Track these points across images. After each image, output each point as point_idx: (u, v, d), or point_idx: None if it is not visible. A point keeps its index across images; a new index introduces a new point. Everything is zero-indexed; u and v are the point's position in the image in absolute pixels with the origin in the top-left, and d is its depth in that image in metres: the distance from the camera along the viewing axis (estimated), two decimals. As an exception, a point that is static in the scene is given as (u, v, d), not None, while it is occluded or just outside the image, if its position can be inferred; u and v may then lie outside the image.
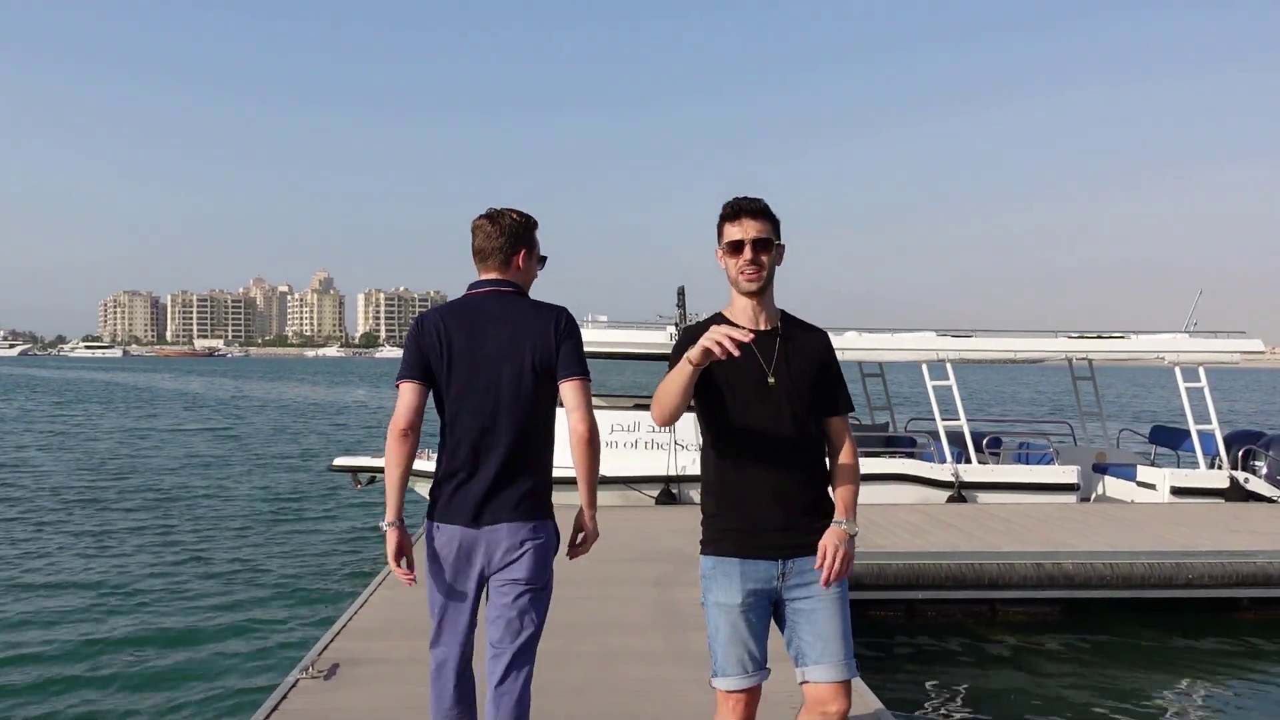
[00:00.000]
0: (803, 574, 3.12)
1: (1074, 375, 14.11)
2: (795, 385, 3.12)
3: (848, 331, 12.28)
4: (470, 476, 3.35)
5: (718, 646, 3.15)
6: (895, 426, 14.24)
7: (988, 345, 11.88)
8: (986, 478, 11.55)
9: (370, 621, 6.44)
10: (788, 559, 3.12)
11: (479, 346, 3.36)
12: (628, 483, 11.23)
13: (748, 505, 3.13)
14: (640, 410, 11.63)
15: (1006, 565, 8.50)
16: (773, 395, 3.10)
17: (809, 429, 3.15)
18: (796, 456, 3.12)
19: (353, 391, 61.82)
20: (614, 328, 11.94)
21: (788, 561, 3.12)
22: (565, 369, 3.36)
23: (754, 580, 3.11)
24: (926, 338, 11.91)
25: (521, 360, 3.34)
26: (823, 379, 3.19)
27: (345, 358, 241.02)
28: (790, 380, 3.12)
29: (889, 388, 14.46)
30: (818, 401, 3.18)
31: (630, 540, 9.28)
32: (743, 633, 3.12)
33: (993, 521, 10.13)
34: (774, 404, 3.10)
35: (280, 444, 27.15)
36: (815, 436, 3.19)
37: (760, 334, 3.12)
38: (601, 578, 7.75)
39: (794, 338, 3.19)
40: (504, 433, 3.34)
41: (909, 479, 11.49)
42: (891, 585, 8.46)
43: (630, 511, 10.83)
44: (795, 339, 3.19)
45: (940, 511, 10.68)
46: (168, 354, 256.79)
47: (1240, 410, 47.32)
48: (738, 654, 3.12)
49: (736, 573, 3.12)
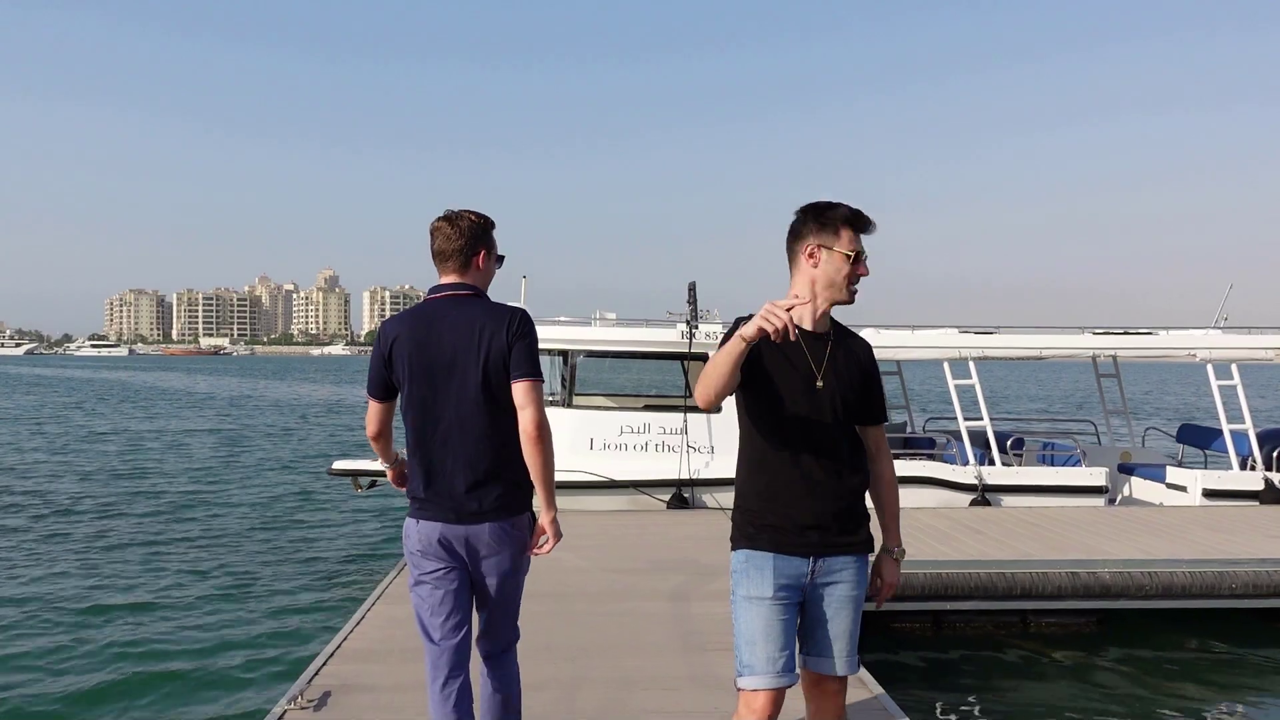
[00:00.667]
0: (829, 574, 3.19)
1: (1098, 372, 13.65)
2: (842, 390, 3.18)
3: (865, 329, 11.83)
4: (444, 476, 3.49)
5: (745, 644, 3.16)
6: (914, 426, 13.80)
7: (1012, 342, 11.42)
8: (1011, 480, 11.09)
9: (366, 641, 6.01)
10: (819, 557, 3.17)
11: (436, 354, 3.50)
12: (638, 486, 10.80)
13: (785, 501, 3.15)
14: (651, 411, 11.20)
15: (1040, 574, 8.04)
16: (818, 397, 3.15)
17: (850, 434, 3.21)
18: (836, 459, 3.16)
19: (357, 390, 61.36)
20: (623, 325, 11.49)
21: (819, 560, 3.17)
22: (516, 369, 3.48)
23: (786, 575, 3.14)
24: (948, 334, 11.46)
25: (478, 364, 3.46)
26: (866, 387, 3.25)
27: (351, 355, 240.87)
28: (837, 385, 3.18)
29: (906, 386, 14.00)
30: (861, 409, 3.24)
31: (641, 548, 8.85)
32: (775, 629, 3.12)
33: (1020, 526, 9.67)
34: (819, 406, 3.14)
35: (281, 446, 26.75)
36: (855, 442, 3.24)
37: (812, 336, 3.19)
38: (612, 591, 7.33)
39: (843, 344, 3.25)
40: (468, 436, 3.48)
41: (930, 482, 11.04)
42: (917, 596, 8.02)
43: (641, 517, 10.40)
44: (845, 345, 3.25)
45: (964, 516, 10.23)
46: (173, 353, 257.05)
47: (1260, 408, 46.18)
48: (768, 652, 3.12)
49: (770, 566, 3.15)
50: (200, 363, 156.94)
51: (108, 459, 22.63)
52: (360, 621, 6.40)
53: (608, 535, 9.41)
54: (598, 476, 10.73)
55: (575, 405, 11.25)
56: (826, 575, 3.18)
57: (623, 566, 8.13)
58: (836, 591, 3.20)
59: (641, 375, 12.98)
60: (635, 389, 12.72)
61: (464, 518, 3.47)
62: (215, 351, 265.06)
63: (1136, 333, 12.04)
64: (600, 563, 8.28)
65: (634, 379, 13.21)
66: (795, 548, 3.14)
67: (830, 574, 3.19)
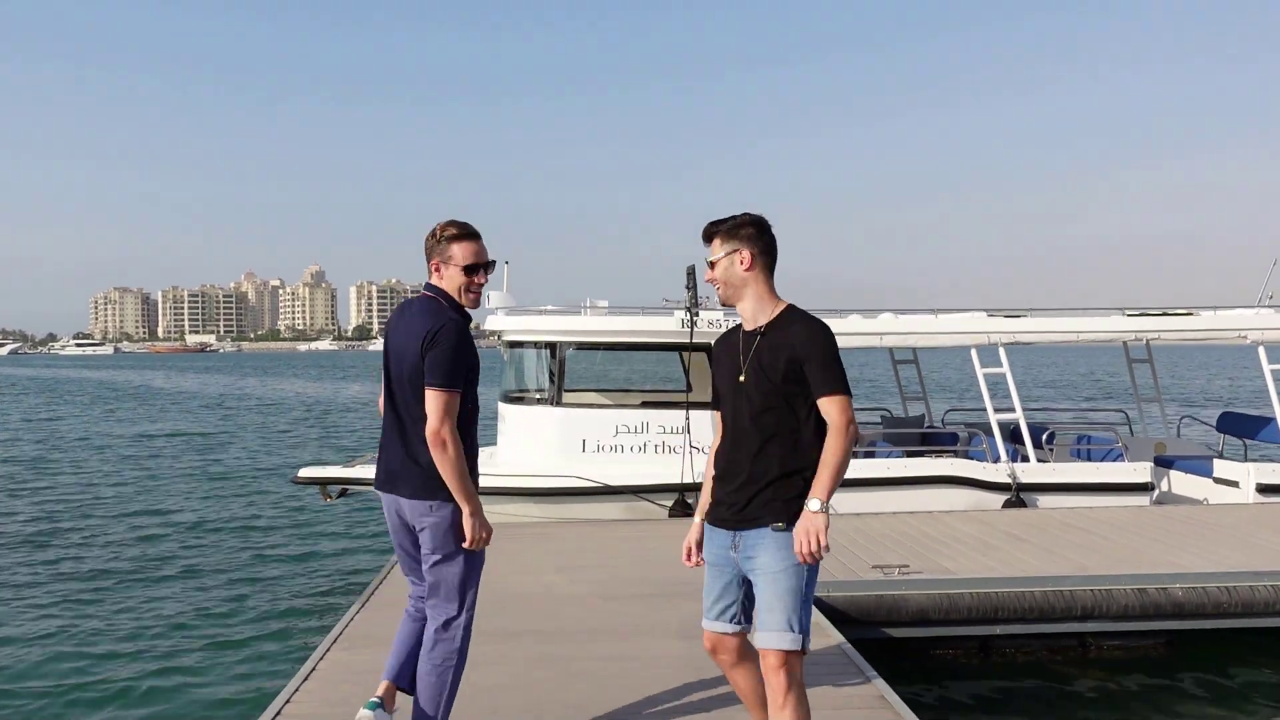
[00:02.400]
0: (749, 547, 3.50)
1: (1129, 357, 12.61)
2: (759, 377, 3.49)
3: (883, 314, 10.78)
4: (383, 450, 4.03)
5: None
6: (931, 418, 12.75)
7: (1045, 326, 10.37)
8: (1047, 478, 10.05)
9: (313, 704, 4.91)
10: (736, 531, 3.53)
11: (390, 347, 3.97)
12: (636, 492, 9.72)
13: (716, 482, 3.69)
14: (649, 409, 10.11)
15: (1103, 592, 7.01)
16: (742, 389, 3.53)
17: (771, 418, 3.48)
18: (752, 441, 3.49)
19: (348, 387, 59.92)
20: (616, 314, 10.38)
21: (736, 534, 3.53)
22: (426, 376, 3.80)
23: (716, 546, 3.62)
24: (976, 318, 10.40)
25: (411, 358, 3.85)
26: (793, 370, 3.44)
27: (338, 351, 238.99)
28: (756, 373, 3.50)
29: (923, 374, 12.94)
30: (788, 390, 3.46)
31: (642, 568, 7.78)
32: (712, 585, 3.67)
33: (1066, 532, 8.64)
34: (743, 396, 3.53)
35: (255, 450, 25.57)
36: (777, 429, 3.48)
37: (748, 334, 3.58)
38: (612, 626, 6.25)
39: (773, 334, 3.52)
40: (400, 422, 3.93)
41: (958, 481, 9.98)
42: (962, 619, 6.98)
43: (640, 528, 9.32)
44: (774, 335, 3.51)
45: (1001, 520, 9.18)
46: (159, 350, 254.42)
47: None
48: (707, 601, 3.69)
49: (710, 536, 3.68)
50: (186, 360, 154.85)
51: (45, 466, 21.46)
52: (309, 676, 5.29)
53: (603, 551, 8.33)
54: (591, 482, 9.65)
55: (565, 403, 10.15)
56: (747, 550, 3.51)
57: (623, 592, 7.05)
58: (757, 565, 3.48)
59: (638, 368, 11.90)
60: (631, 384, 11.64)
61: (394, 488, 3.95)
62: (201, 349, 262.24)
63: (1176, 313, 11.00)
64: (596, 587, 7.20)
65: (629, 373, 12.14)
66: (720, 523, 3.62)
67: (749, 547, 3.50)
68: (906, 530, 8.84)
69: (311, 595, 10.05)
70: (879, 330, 10.23)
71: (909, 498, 9.95)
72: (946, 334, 10.25)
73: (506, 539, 8.67)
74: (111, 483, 18.40)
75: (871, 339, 10.21)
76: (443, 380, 3.74)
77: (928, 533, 8.72)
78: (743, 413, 3.50)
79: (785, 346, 3.45)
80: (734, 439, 3.54)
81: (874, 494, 9.90)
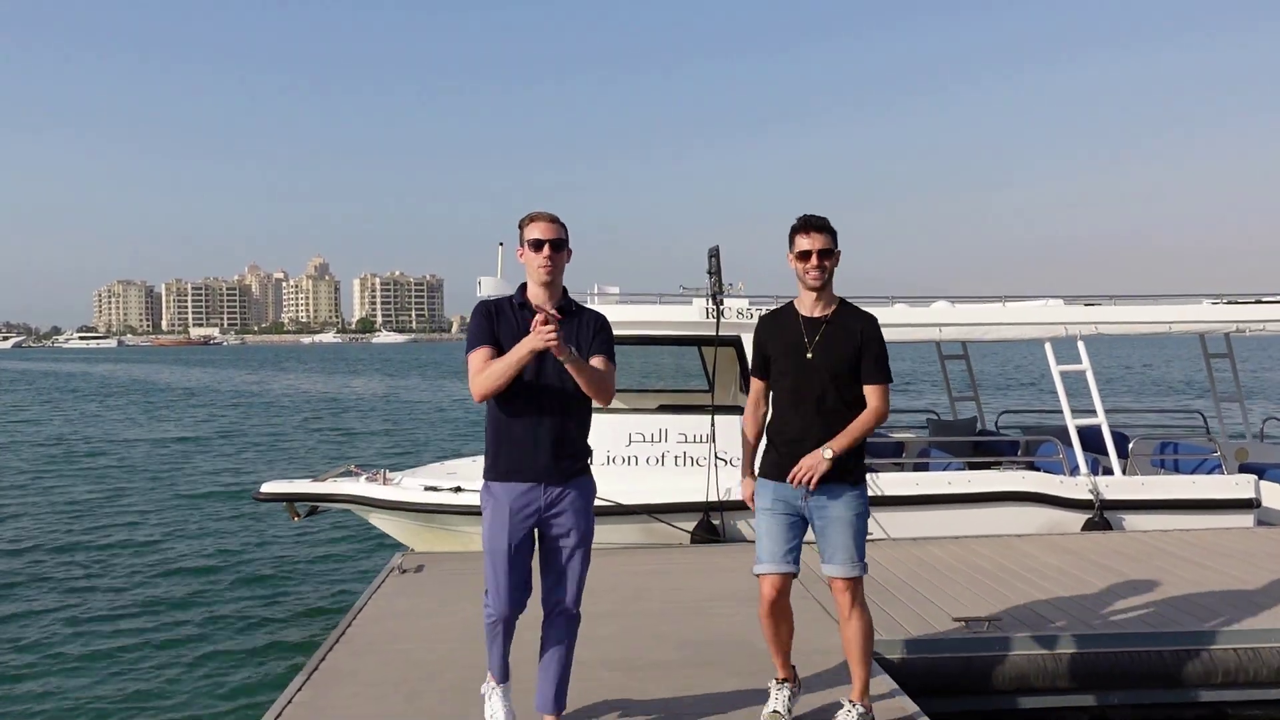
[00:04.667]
0: (822, 497, 4.17)
1: (1206, 352, 11.10)
2: (830, 359, 4.14)
3: (937, 301, 9.27)
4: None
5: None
6: (983, 421, 11.26)
7: (1131, 315, 8.88)
8: (1135, 494, 8.56)
9: None
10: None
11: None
12: (652, 513, 8.23)
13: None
14: (667, 413, 8.62)
15: (1249, 651, 5.54)
16: (809, 365, 4.16)
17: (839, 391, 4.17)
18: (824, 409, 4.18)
19: (349, 382, 58.43)
20: (628, 302, 8.90)
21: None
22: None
23: (785, 497, 4.24)
24: (1052, 308, 8.90)
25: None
26: (855, 356, 4.15)
27: (342, 344, 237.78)
28: (826, 355, 4.15)
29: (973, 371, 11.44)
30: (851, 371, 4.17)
31: (668, 611, 6.29)
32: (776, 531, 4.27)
33: (1174, 564, 7.17)
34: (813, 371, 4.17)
35: (248, 457, 24.15)
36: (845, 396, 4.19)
37: (809, 318, 4.24)
38: (634, 698, 4.77)
39: (839, 323, 4.20)
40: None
41: (1029, 498, 8.49)
42: (1067, 687, 5.50)
43: (660, 557, 7.84)
44: (840, 324, 4.20)
45: (1091, 548, 7.70)
46: (163, 343, 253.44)
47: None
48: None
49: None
50: (189, 353, 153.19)
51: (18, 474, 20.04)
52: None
53: (615, 592, 6.82)
54: (601, 501, 8.16)
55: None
56: (819, 499, 4.18)
57: (645, 657, 5.53)
58: (829, 512, 4.17)
59: (653, 365, 10.44)
60: (646, 384, 10.15)
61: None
62: (205, 341, 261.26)
63: (1268, 301, 9.50)
64: (606, 646, 5.69)
65: (644, 370, 10.67)
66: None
67: (821, 498, 4.17)
68: (977, 562, 7.37)
69: (278, 624, 8.61)
70: (936, 321, 8.74)
71: (972, 518, 8.48)
72: (1017, 325, 8.75)
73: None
74: (65, 497, 16.97)
75: (927, 331, 8.72)
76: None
77: (1004, 565, 7.25)
78: (813, 384, 4.12)
79: (854, 334, 4.15)
80: (802, 407, 4.15)
81: (932, 513, 8.43)
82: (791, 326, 4.22)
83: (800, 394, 4.13)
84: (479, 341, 3.90)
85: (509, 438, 3.92)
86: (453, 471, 9.32)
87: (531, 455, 3.90)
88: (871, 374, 4.14)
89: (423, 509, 8.43)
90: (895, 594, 6.52)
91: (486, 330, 3.91)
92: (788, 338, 4.20)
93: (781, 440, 4.20)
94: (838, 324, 4.17)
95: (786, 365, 4.17)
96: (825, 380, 4.10)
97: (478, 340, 3.90)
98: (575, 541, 3.99)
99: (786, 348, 4.18)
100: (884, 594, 6.52)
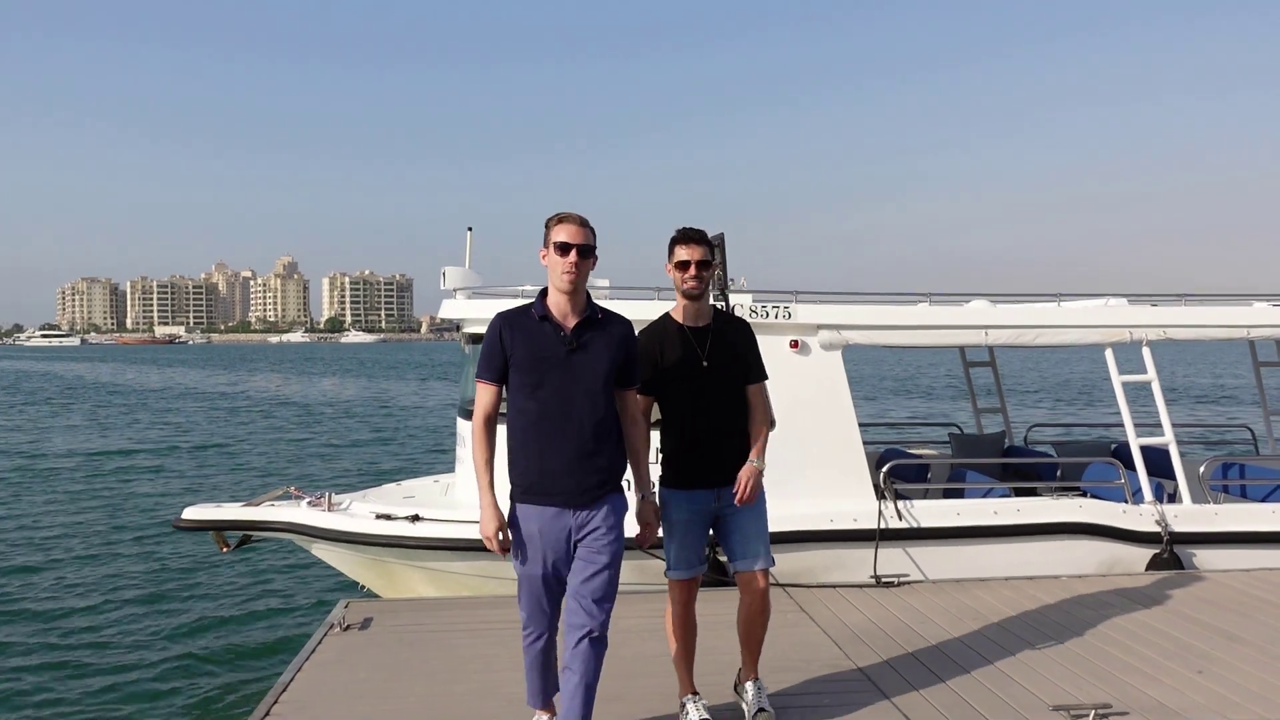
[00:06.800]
0: (731, 495, 4.32)
1: (1256, 360, 9.92)
2: (723, 366, 4.26)
3: (975, 299, 8.03)
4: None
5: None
6: (1011, 437, 10.03)
7: (1205, 318, 7.67)
8: (1210, 525, 7.35)
9: None
10: (720, 488, 4.29)
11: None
12: (643, 547, 6.85)
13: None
14: (665, 430, 7.29)
15: None
16: (705, 373, 4.23)
17: (734, 396, 4.31)
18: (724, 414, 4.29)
19: (319, 383, 56.45)
20: (619, 297, 7.58)
21: (718, 490, 4.29)
22: None
23: (696, 504, 4.32)
24: (1115, 308, 7.68)
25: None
26: (743, 360, 4.31)
27: (311, 343, 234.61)
28: (719, 363, 4.25)
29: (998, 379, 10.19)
30: (741, 376, 4.33)
31: (674, 697, 4.97)
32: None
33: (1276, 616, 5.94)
34: (709, 379, 4.24)
35: (189, 471, 22.62)
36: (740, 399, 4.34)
37: (698, 329, 4.29)
38: None
39: (721, 330, 4.33)
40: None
41: (1086, 530, 7.26)
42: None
43: (651, 606, 6.52)
44: (723, 331, 4.33)
45: (1173, 597, 6.46)
46: (127, 341, 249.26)
47: None
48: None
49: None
50: (154, 352, 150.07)
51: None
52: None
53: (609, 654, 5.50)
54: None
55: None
56: (728, 498, 4.27)
57: None
58: (739, 507, 4.27)
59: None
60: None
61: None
62: (171, 340, 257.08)
63: None
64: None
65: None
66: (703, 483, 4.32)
67: (730, 496, 4.26)
68: (1044, 614, 6.12)
69: (205, 677, 7.25)
70: (981, 323, 7.48)
71: (1018, 553, 7.23)
72: (1075, 328, 7.50)
73: (463, 627, 5.90)
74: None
75: (972, 334, 7.46)
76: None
77: (1077, 617, 6.00)
78: (709, 392, 4.22)
79: (736, 340, 4.34)
80: (700, 416, 4.23)
81: (973, 548, 7.18)
82: (678, 337, 4.26)
83: (698, 403, 4.19)
84: (486, 375, 3.82)
85: (538, 458, 3.74)
86: (410, 495, 7.97)
87: (561, 478, 3.73)
88: (758, 373, 4.35)
89: (372, 542, 7.08)
90: (958, 661, 5.24)
91: (496, 360, 3.79)
92: (678, 349, 4.23)
93: (685, 449, 4.24)
94: (720, 331, 4.30)
95: (682, 375, 4.19)
96: (719, 387, 4.21)
97: (485, 372, 3.82)
98: (607, 561, 3.82)
99: (679, 359, 4.20)
100: (943, 661, 5.24)
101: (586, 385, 3.73)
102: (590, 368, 3.75)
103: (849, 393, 7.36)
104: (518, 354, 3.73)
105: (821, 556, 7.02)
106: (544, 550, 3.78)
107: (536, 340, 3.73)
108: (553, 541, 3.77)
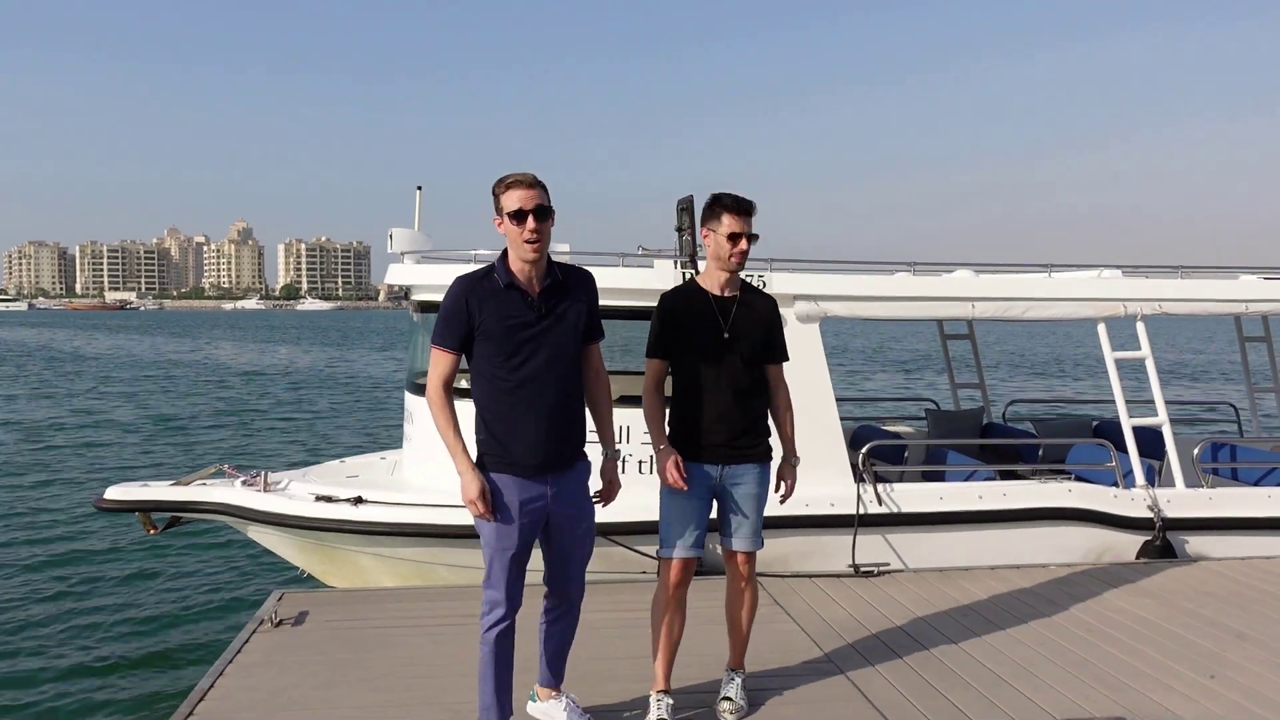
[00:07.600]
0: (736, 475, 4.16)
1: (1242, 336, 9.59)
2: (745, 339, 4.07)
3: (958, 269, 7.56)
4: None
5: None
6: (990, 413, 9.63)
7: (1204, 291, 7.27)
8: (1205, 511, 6.98)
9: None
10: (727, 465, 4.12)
11: None
12: (610, 535, 6.33)
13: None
14: (630, 406, 6.69)
15: None
16: (725, 345, 4.05)
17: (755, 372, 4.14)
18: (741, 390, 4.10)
19: (275, 350, 55.23)
20: (583, 265, 7.00)
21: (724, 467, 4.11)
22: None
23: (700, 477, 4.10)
24: (1108, 280, 7.25)
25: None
26: (766, 336, 4.12)
27: (266, 310, 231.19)
28: (741, 335, 4.06)
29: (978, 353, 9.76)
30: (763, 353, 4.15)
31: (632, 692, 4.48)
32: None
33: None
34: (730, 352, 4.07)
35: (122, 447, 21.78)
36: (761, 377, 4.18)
37: (723, 299, 4.08)
38: None
39: (748, 303, 4.12)
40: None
41: (1074, 515, 6.85)
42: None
43: (621, 596, 6.03)
44: (749, 304, 4.12)
45: (1170, 588, 6.07)
46: (77, 307, 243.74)
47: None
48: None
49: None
50: (104, 318, 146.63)
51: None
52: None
53: (576, 655, 4.99)
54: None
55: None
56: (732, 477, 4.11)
57: None
58: (742, 489, 4.12)
59: (609, 345, 8.59)
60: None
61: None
62: (121, 306, 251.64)
63: None
64: None
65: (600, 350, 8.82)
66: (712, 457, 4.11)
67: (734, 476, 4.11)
68: (1035, 608, 5.73)
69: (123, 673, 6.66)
70: (968, 295, 7.01)
71: (1001, 540, 6.81)
72: (1066, 301, 7.06)
73: (408, 622, 5.37)
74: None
75: (958, 306, 6.99)
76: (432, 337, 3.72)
77: (1073, 615, 5.60)
78: (728, 365, 4.02)
79: (763, 314, 4.13)
80: (718, 388, 4.02)
81: (955, 535, 6.75)
82: (702, 305, 4.08)
83: (715, 374, 4.03)
84: (445, 342, 3.64)
85: (511, 428, 3.63)
86: (354, 474, 7.38)
87: (534, 447, 3.64)
88: (780, 354, 4.20)
89: (310, 526, 6.51)
90: (951, 666, 4.80)
91: (458, 328, 3.62)
92: (701, 317, 4.05)
93: (696, 420, 4.05)
94: (747, 304, 4.11)
95: (702, 345, 4.02)
96: (738, 361, 4.05)
97: (445, 339, 3.64)
98: (584, 528, 3.85)
99: (700, 328, 4.04)
100: (934, 664, 4.80)
101: (561, 352, 3.65)
102: (564, 334, 3.66)
103: (827, 368, 6.88)
104: (486, 324, 3.59)
105: (796, 544, 6.54)
106: (520, 520, 3.66)
107: (505, 309, 3.59)
108: (530, 510, 3.67)
